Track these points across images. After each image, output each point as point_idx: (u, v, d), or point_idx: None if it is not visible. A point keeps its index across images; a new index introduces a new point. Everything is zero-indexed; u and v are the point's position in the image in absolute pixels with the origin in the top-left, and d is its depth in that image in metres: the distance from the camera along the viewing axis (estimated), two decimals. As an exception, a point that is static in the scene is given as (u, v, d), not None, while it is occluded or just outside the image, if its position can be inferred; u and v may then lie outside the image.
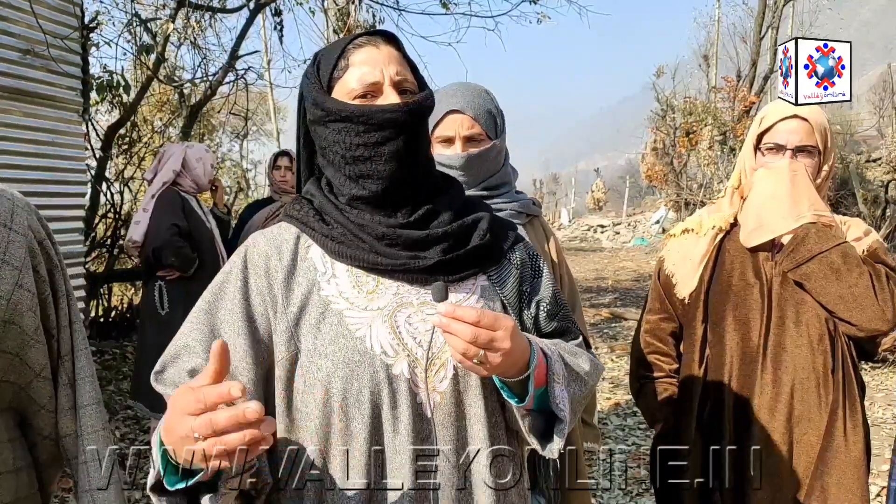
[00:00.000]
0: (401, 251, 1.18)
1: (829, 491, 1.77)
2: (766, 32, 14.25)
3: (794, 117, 1.86)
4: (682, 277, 2.00)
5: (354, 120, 1.16)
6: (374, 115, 1.15)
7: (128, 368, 5.98)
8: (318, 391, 1.14)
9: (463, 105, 1.76)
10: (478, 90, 1.82)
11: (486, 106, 1.80)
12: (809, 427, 1.80)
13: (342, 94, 1.19)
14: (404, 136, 1.16)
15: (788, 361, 1.82)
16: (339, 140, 1.18)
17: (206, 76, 7.48)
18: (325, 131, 1.20)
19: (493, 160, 1.83)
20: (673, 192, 16.43)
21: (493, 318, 1.05)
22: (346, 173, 1.20)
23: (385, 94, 1.18)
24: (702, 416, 1.91)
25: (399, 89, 1.19)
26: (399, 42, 1.24)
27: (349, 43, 1.21)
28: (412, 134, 1.18)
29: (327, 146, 1.21)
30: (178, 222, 3.95)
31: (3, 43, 4.37)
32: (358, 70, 1.18)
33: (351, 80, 1.18)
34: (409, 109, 1.16)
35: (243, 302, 1.18)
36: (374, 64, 1.18)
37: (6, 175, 4.29)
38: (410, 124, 1.17)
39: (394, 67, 1.19)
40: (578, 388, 1.21)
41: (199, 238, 4.04)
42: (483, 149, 1.79)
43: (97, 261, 6.87)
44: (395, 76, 1.18)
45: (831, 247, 1.77)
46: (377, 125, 1.15)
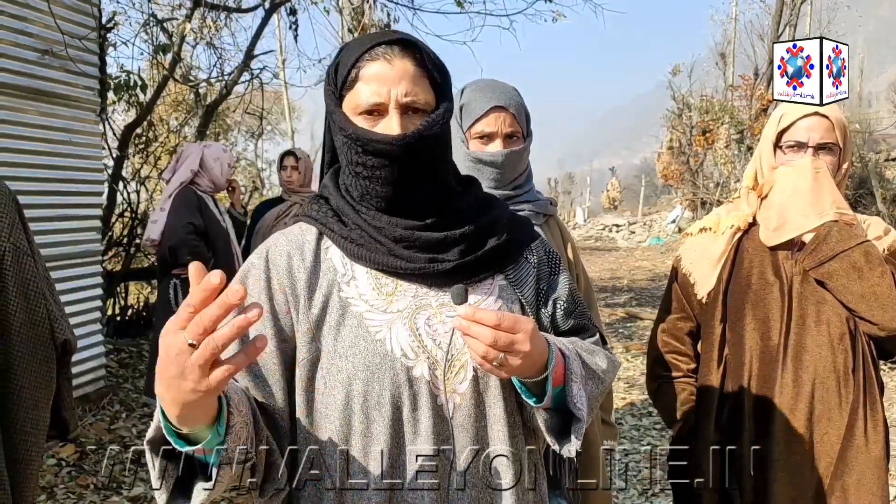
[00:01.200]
0: (419, 253, 1.18)
1: (850, 491, 1.76)
2: (784, 30, 14.15)
3: (814, 114, 1.85)
4: (700, 277, 1.99)
5: (353, 140, 1.15)
6: (369, 143, 1.13)
7: (144, 366, 6.02)
8: (338, 393, 1.14)
9: (506, 102, 1.77)
10: (513, 88, 1.83)
11: (523, 104, 1.81)
12: (830, 426, 1.78)
13: (350, 106, 1.17)
14: (399, 164, 1.14)
15: (809, 361, 1.80)
16: (342, 150, 1.19)
17: (221, 75, 7.53)
18: (334, 134, 1.21)
19: (525, 160, 1.84)
20: (689, 191, 16.36)
21: (513, 321, 1.04)
22: (351, 181, 1.21)
23: (388, 118, 1.15)
24: (721, 415, 1.90)
25: (406, 110, 1.15)
26: (418, 52, 1.18)
27: (366, 51, 1.16)
28: (412, 161, 1.14)
29: (338, 148, 1.22)
30: (194, 221, 3.99)
31: (22, 43, 4.41)
32: (366, 87, 1.15)
33: (358, 96, 1.16)
34: (404, 143, 1.12)
35: (268, 302, 1.18)
36: (382, 82, 1.14)
37: (25, 174, 4.34)
38: (406, 155, 1.13)
39: (404, 87, 1.14)
40: (595, 385, 1.20)
41: (214, 237, 4.07)
42: (521, 147, 1.80)
43: (114, 260, 6.91)
44: (402, 98, 1.14)
45: (854, 245, 1.75)
46: (372, 152, 1.14)
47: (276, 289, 1.19)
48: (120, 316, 6.87)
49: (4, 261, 1.65)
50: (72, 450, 4.19)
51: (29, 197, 4.12)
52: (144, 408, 5.12)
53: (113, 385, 5.34)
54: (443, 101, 1.20)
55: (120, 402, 5.12)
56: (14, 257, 1.67)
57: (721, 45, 18.68)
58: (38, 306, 1.71)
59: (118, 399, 5.15)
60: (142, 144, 7.26)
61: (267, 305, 1.17)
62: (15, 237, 1.67)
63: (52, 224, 4.59)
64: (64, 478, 3.92)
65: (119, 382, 5.52)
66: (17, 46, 4.38)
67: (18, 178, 4.17)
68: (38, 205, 4.38)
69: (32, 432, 1.72)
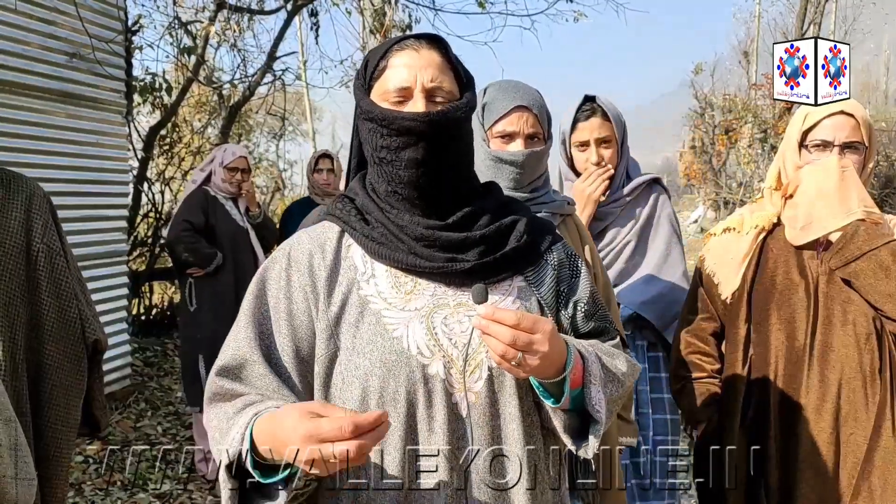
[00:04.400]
0: (439, 253, 1.20)
1: (876, 491, 1.74)
2: (808, 28, 13.97)
3: (840, 113, 1.84)
4: (724, 277, 1.98)
5: (379, 122, 1.18)
6: (395, 121, 1.16)
7: (168, 365, 6.09)
8: (355, 389, 1.16)
9: (529, 102, 1.77)
10: (536, 90, 1.83)
11: (545, 107, 1.81)
12: (856, 426, 1.77)
13: (378, 94, 1.21)
14: (425, 143, 1.17)
15: (835, 360, 1.79)
16: (368, 139, 1.21)
17: (244, 77, 7.59)
18: (361, 126, 1.24)
19: (544, 163, 1.84)
20: (711, 191, 16.22)
21: (532, 321, 1.05)
22: (376, 171, 1.23)
23: (414, 100, 1.19)
24: (745, 416, 1.89)
25: (431, 96, 1.19)
26: (444, 46, 1.23)
27: (394, 44, 1.22)
28: (436, 142, 1.17)
29: (363, 141, 1.24)
30: (191, 219, 4.05)
31: (51, 47, 4.49)
32: (393, 73, 1.20)
33: (386, 83, 1.20)
34: (429, 119, 1.16)
35: (285, 300, 1.20)
36: (409, 68, 1.19)
37: (52, 175, 4.40)
38: (431, 133, 1.16)
39: (430, 73, 1.19)
40: (615, 388, 1.21)
41: (221, 236, 4.10)
42: (542, 148, 1.80)
43: (139, 260, 7.00)
44: (428, 83, 1.18)
45: (881, 244, 1.74)
46: (397, 131, 1.17)
47: (296, 286, 1.21)
48: (145, 315, 6.95)
49: (38, 261, 1.69)
50: (99, 447, 4.26)
51: (57, 198, 4.15)
52: (169, 406, 5.19)
53: (138, 383, 5.41)
54: (466, 93, 1.24)
55: (145, 401, 5.19)
56: (47, 258, 1.70)
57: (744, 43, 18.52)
58: (69, 306, 1.75)
59: (143, 397, 5.22)
60: (166, 146, 7.35)
61: (284, 304, 1.20)
62: (48, 238, 1.71)
63: (79, 224, 4.66)
64: (91, 475, 3.98)
65: (144, 381, 5.59)
66: (46, 50, 4.46)
67: (47, 180, 4.23)
68: (65, 205, 4.44)
69: (63, 430, 1.75)
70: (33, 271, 1.69)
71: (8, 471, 1.28)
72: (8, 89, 4.21)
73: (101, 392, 1.91)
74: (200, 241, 4.01)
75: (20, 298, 1.66)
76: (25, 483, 1.32)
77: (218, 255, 4.02)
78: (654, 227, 2.31)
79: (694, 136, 16.48)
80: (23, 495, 1.32)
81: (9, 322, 1.64)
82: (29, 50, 4.32)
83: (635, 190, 2.31)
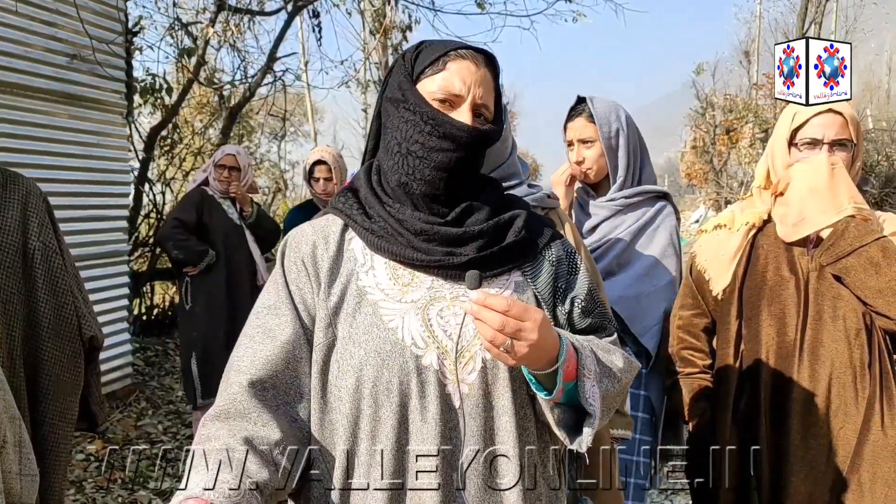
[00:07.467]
0: (437, 247, 1.22)
1: (866, 484, 1.76)
2: (809, 28, 13.96)
3: (828, 111, 1.86)
4: (716, 273, 1.99)
5: (424, 118, 1.20)
6: (443, 125, 1.19)
7: (169, 365, 6.11)
8: (350, 378, 1.18)
9: None
10: None
11: None
12: (846, 420, 1.79)
13: (424, 89, 1.23)
14: (461, 153, 1.20)
15: (825, 356, 1.80)
16: (401, 128, 1.23)
17: (245, 78, 7.61)
18: (394, 113, 1.25)
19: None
20: (713, 191, 16.21)
21: (522, 308, 1.07)
22: (397, 161, 1.24)
23: (460, 110, 1.22)
24: (737, 411, 1.91)
25: (475, 112, 1.23)
26: (497, 69, 1.27)
27: (455, 49, 1.24)
28: (469, 154, 1.21)
29: (390, 127, 1.25)
30: (182, 217, 4.10)
31: (52, 48, 4.51)
32: (449, 76, 1.22)
33: (438, 83, 1.22)
34: (475, 135, 1.20)
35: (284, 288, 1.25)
36: (465, 78, 1.22)
37: (54, 176, 4.43)
38: (469, 146, 1.20)
39: (481, 90, 1.23)
40: (611, 384, 1.21)
41: (214, 234, 4.13)
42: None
43: (140, 260, 7.02)
44: (477, 98, 1.22)
45: (871, 241, 1.76)
46: (440, 134, 1.19)
47: (300, 275, 1.24)
48: (146, 315, 6.97)
49: (35, 259, 1.71)
50: (100, 445, 4.28)
51: (58, 198, 4.21)
52: (170, 405, 5.21)
53: (139, 383, 5.43)
54: (499, 120, 1.29)
55: (146, 400, 5.21)
56: (43, 256, 1.73)
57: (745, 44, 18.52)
58: (66, 303, 1.77)
59: (144, 396, 5.24)
60: (167, 146, 7.37)
61: (284, 292, 1.24)
62: (44, 236, 1.74)
63: (81, 225, 4.69)
64: (92, 472, 4.00)
65: (145, 380, 5.62)
66: (48, 51, 4.48)
67: (49, 180, 4.26)
68: (67, 206, 4.47)
69: (60, 424, 1.78)
70: (30, 269, 1.72)
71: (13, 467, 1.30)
72: (10, 91, 4.23)
73: (99, 387, 1.93)
74: (190, 238, 4.05)
75: (17, 296, 1.69)
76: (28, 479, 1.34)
77: (210, 252, 4.05)
78: (651, 234, 2.30)
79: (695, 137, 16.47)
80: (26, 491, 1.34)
81: (6, 319, 1.66)
82: (31, 52, 4.34)
83: (637, 196, 2.32)
